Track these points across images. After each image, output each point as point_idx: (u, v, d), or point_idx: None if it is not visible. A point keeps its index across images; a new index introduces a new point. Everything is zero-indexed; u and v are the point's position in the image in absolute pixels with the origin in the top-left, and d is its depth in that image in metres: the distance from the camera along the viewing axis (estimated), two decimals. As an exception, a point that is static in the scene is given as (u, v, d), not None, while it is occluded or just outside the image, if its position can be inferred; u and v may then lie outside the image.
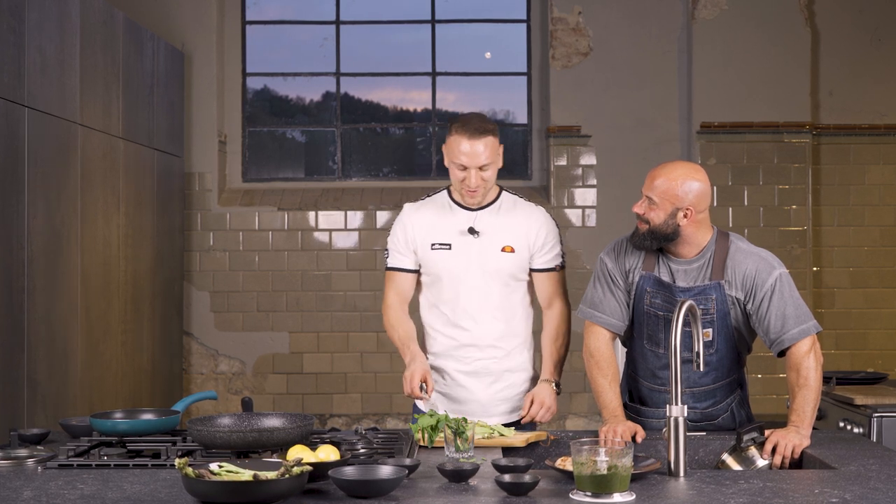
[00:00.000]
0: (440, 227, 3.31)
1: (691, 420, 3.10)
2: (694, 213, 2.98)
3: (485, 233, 3.28)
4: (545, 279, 3.37)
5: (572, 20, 6.27)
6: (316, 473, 2.30)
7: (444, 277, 3.29)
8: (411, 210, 3.37)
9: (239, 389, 6.30)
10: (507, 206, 3.34)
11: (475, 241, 3.27)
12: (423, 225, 3.32)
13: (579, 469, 2.24)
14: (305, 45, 6.64)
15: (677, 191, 2.96)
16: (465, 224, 3.29)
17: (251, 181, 6.55)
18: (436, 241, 3.29)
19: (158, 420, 2.79)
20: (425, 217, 3.33)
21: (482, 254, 3.27)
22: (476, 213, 3.30)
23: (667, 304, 3.03)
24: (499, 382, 3.32)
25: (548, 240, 3.33)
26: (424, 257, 3.31)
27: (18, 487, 2.32)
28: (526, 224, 3.32)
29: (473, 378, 3.30)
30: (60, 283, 4.36)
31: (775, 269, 3.00)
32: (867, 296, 6.27)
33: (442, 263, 3.28)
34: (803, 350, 2.95)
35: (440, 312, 3.32)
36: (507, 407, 3.34)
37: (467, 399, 3.29)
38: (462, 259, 3.27)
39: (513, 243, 3.29)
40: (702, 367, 2.65)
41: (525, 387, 3.38)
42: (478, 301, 3.27)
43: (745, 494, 2.27)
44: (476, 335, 3.28)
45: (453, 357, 3.31)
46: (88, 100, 4.67)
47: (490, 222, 3.30)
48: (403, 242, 3.33)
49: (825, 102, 6.28)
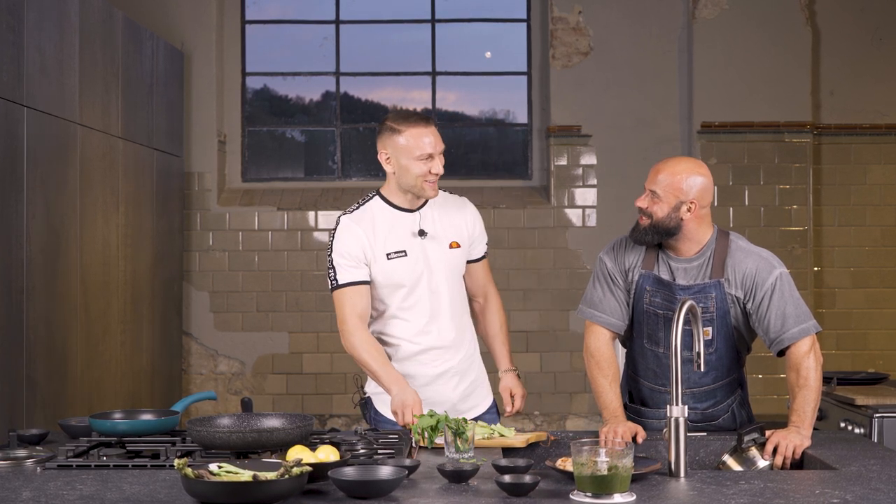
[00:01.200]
0: (390, 234, 3.19)
1: (692, 421, 3.09)
2: (697, 208, 2.98)
3: (432, 233, 3.23)
4: (479, 268, 3.37)
5: (572, 20, 6.26)
6: (316, 474, 2.30)
7: (406, 285, 3.19)
8: (353, 222, 3.18)
9: (238, 390, 6.29)
10: (440, 202, 3.29)
11: (425, 243, 3.22)
12: (370, 235, 3.18)
13: (580, 469, 2.24)
14: (305, 44, 6.63)
15: (682, 184, 2.96)
16: (412, 227, 3.22)
17: (251, 181, 6.54)
18: (390, 249, 3.18)
19: (158, 420, 2.79)
20: (370, 226, 3.19)
21: (435, 254, 3.22)
22: (419, 214, 3.24)
23: (666, 303, 3.03)
24: (464, 380, 3.32)
25: (481, 229, 3.35)
26: (380, 269, 3.18)
27: (17, 488, 2.32)
28: (462, 217, 3.30)
29: (441, 380, 3.28)
30: (59, 283, 4.35)
31: (775, 269, 2.99)
32: (868, 296, 6.26)
33: (401, 271, 3.18)
34: (803, 350, 2.94)
35: (403, 321, 3.23)
36: (472, 403, 3.34)
37: (437, 401, 3.23)
38: (419, 263, 3.20)
39: (457, 238, 3.27)
40: (702, 367, 2.65)
41: (480, 380, 3.39)
42: (438, 302, 3.23)
43: (745, 495, 2.26)
44: (439, 337, 3.24)
45: (419, 362, 3.26)
46: (87, 99, 4.66)
47: (433, 221, 3.25)
48: (357, 254, 3.16)
49: (826, 102, 6.27)
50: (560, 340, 6.25)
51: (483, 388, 3.42)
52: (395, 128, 3.14)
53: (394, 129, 3.14)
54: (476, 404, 3.36)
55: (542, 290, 6.23)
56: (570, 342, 6.25)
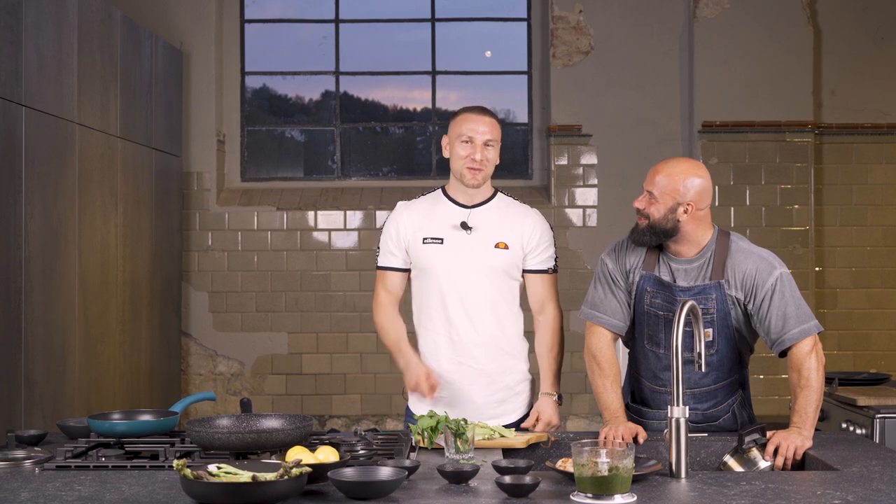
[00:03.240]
0: (432, 221, 3.28)
1: (693, 421, 3.09)
2: (694, 210, 2.97)
3: (478, 228, 3.25)
4: (538, 281, 3.33)
5: (573, 18, 6.25)
6: (315, 475, 2.29)
7: (436, 272, 3.24)
8: (404, 207, 3.36)
9: (237, 390, 6.28)
10: (502, 206, 3.33)
11: (467, 237, 3.24)
12: (415, 220, 3.30)
13: (580, 470, 2.23)
14: (305, 43, 6.62)
15: (678, 186, 2.95)
16: (457, 219, 3.26)
17: (250, 181, 6.53)
18: (427, 235, 3.27)
19: (156, 421, 2.79)
20: (418, 213, 3.32)
21: (475, 249, 3.23)
22: (470, 210, 3.28)
23: (667, 304, 3.02)
24: (494, 384, 3.29)
25: (542, 240, 3.31)
26: (416, 253, 3.28)
27: (16, 489, 2.31)
28: (521, 223, 3.30)
29: (469, 380, 3.26)
30: (58, 284, 4.34)
31: (776, 269, 2.98)
32: (870, 296, 6.25)
33: (433, 258, 3.24)
34: (805, 350, 2.93)
35: (433, 311, 3.27)
36: (503, 409, 3.30)
37: (463, 401, 3.24)
38: (454, 254, 3.23)
39: (507, 240, 3.26)
40: (703, 367, 2.64)
41: (520, 388, 3.35)
42: (471, 298, 3.23)
43: (746, 496, 2.26)
44: (471, 334, 3.24)
45: (448, 358, 3.26)
46: (86, 99, 4.65)
47: (484, 218, 3.27)
48: (395, 241, 3.31)
49: (827, 101, 6.26)
50: (560, 341, 6.23)
51: (521, 399, 3.35)
52: (454, 113, 3.33)
53: (454, 115, 3.32)
54: (508, 412, 3.31)
55: (543, 290, 6.21)
56: (570, 343, 6.17)
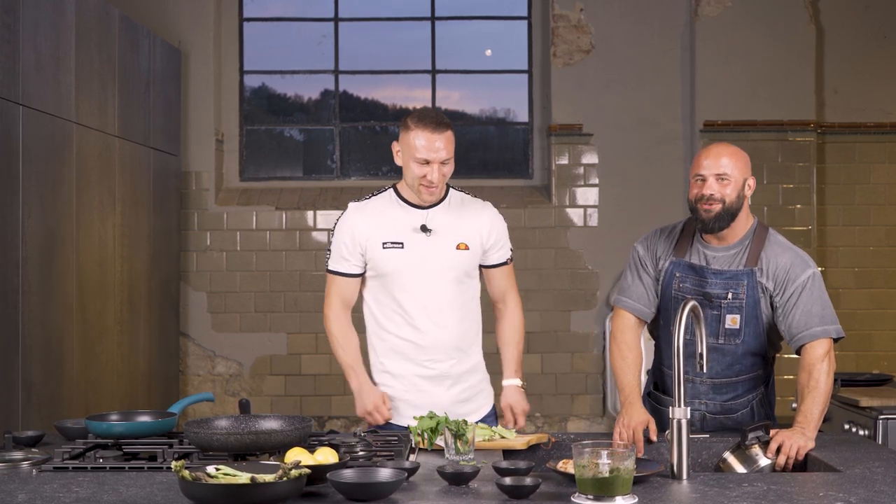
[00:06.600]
0: (391, 225, 3.24)
1: (711, 412, 3.12)
2: (754, 184, 3.09)
3: (437, 231, 3.24)
4: (498, 273, 3.37)
5: (574, 17, 6.23)
6: (314, 476, 2.28)
7: (398, 277, 3.23)
8: (356, 209, 3.29)
9: (236, 391, 6.27)
10: (457, 203, 3.32)
11: (427, 240, 3.23)
12: (370, 224, 3.24)
13: (581, 472, 2.23)
14: (304, 42, 6.60)
15: (744, 162, 3.07)
16: (416, 221, 3.24)
17: (249, 180, 6.51)
18: (387, 239, 3.22)
19: (155, 422, 2.78)
20: (372, 216, 3.26)
21: (436, 252, 3.23)
22: (427, 211, 3.25)
23: (696, 288, 3.07)
24: (458, 384, 3.30)
25: (500, 235, 3.35)
26: (374, 257, 3.24)
27: (13, 490, 2.31)
28: (478, 221, 3.30)
29: (434, 382, 3.27)
30: (55, 284, 4.33)
31: (809, 268, 3.05)
32: (873, 296, 6.23)
33: (394, 262, 3.22)
34: (819, 353, 2.99)
35: (393, 314, 3.26)
36: (468, 409, 3.31)
37: (428, 404, 3.22)
38: (416, 257, 3.22)
39: (467, 240, 3.26)
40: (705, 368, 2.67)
41: (482, 386, 3.38)
42: (434, 301, 3.23)
43: (748, 497, 2.25)
44: (434, 337, 3.24)
45: (411, 360, 3.26)
46: (84, 98, 4.63)
47: (442, 220, 3.26)
48: (349, 245, 3.25)
49: (830, 100, 6.24)
50: (561, 341, 6.23)
51: (483, 395, 3.39)
52: (408, 124, 3.17)
53: (407, 126, 3.17)
54: (473, 410, 3.33)
55: (543, 291, 6.20)
56: (571, 343, 6.22)
